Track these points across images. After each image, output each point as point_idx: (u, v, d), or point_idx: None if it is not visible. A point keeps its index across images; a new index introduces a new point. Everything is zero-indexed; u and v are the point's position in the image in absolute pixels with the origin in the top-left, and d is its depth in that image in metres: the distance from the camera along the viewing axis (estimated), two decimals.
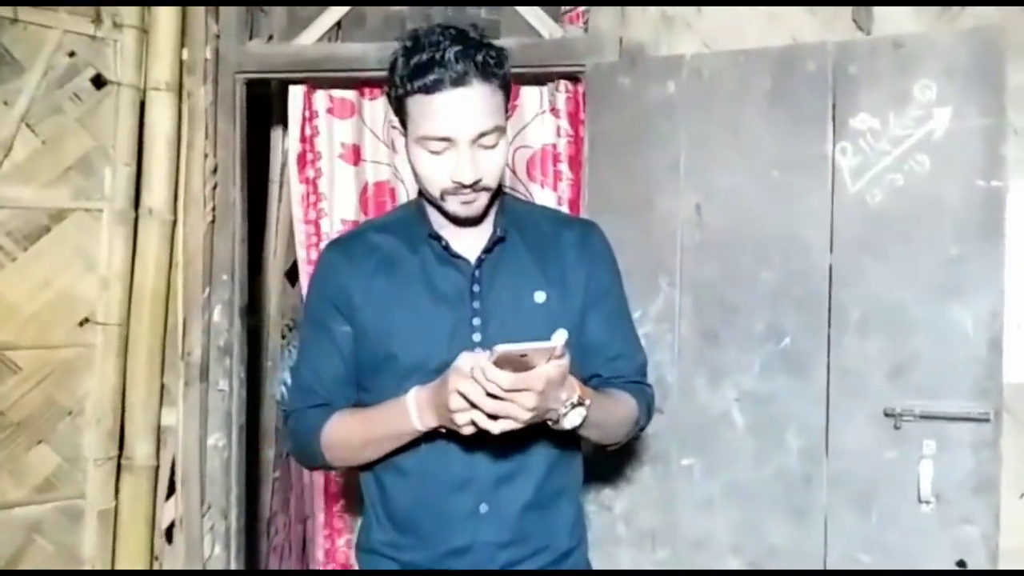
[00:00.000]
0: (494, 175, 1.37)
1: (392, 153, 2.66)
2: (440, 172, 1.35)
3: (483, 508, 1.42)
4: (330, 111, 2.65)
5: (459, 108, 1.31)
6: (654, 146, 2.20)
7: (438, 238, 1.44)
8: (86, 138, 2.41)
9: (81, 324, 2.43)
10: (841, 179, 2.04)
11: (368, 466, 1.49)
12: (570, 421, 1.31)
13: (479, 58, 1.30)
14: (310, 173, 2.68)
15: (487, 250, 1.44)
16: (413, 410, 1.33)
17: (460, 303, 1.42)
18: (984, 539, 1.93)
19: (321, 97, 2.65)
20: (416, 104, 1.33)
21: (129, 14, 2.44)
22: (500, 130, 1.36)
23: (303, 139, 2.67)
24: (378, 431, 1.41)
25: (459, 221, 1.43)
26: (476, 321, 1.41)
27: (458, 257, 1.43)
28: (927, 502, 1.95)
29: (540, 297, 1.44)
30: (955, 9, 2.17)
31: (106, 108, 2.44)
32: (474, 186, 1.35)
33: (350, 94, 2.66)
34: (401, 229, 1.49)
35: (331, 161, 2.67)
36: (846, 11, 2.23)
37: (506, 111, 1.39)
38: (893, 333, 1.99)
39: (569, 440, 1.47)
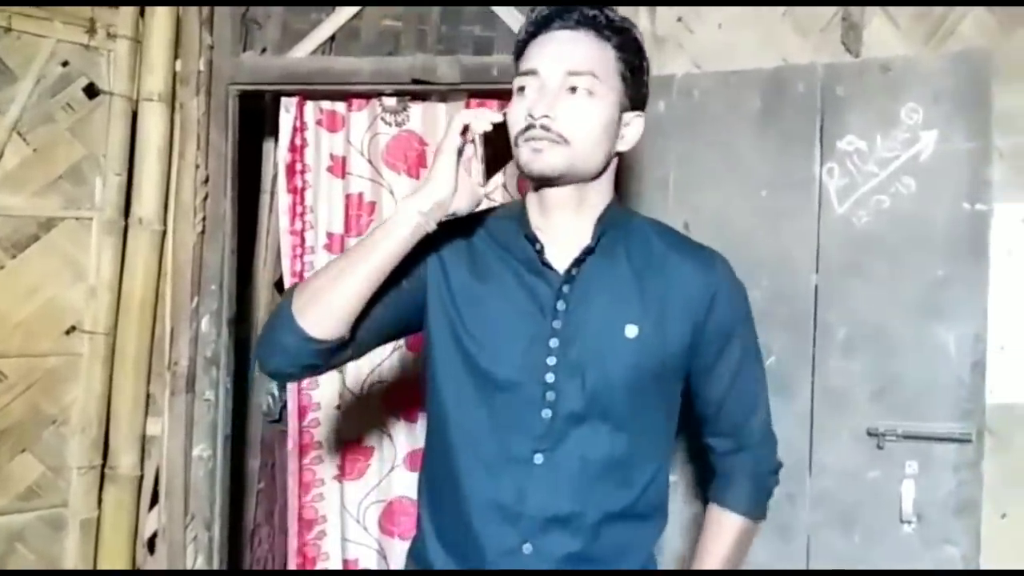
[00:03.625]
0: (570, 124, 1.23)
1: (373, 168, 2.66)
2: (520, 111, 1.25)
3: (527, 549, 1.27)
4: (319, 123, 2.66)
5: (555, 45, 1.26)
6: (643, 164, 2.22)
7: (534, 240, 1.31)
8: (77, 147, 2.42)
9: (68, 333, 2.43)
10: (828, 200, 2.07)
11: (425, 470, 1.39)
12: None
13: (594, 12, 1.27)
14: (298, 183, 2.67)
15: (578, 261, 1.30)
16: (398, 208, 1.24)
17: (540, 318, 1.29)
18: (964, 560, 1.94)
19: (312, 109, 2.66)
20: (527, 50, 1.30)
21: (123, 24, 2.45)
22: (594, 79, 1.24)
23: (292, 148, 2.67)
24: (357, 246, 1.28)
25: (540, 189, 1.30)
26: (553, 343, 1.27)
27: (548, 267, 1.30)
28: (909, 522, 1.96)
29: (632, 331, 1.28)
30: (943, 31, 2.19)
31: (98, 118, 2.45)
32: (546, 127, 1.22)
33: (340, 106, 2.67)
34: (497, 225, 1.38)
35: (318, 174, 2.68)
36: (836, 34, 2.26)
37: (626, 85, 1.30)
38: (877, 353, 2.01)
39: (650, 494, 1.34)
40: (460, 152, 1.24)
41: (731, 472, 1.42)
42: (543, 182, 1.28)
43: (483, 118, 1.23)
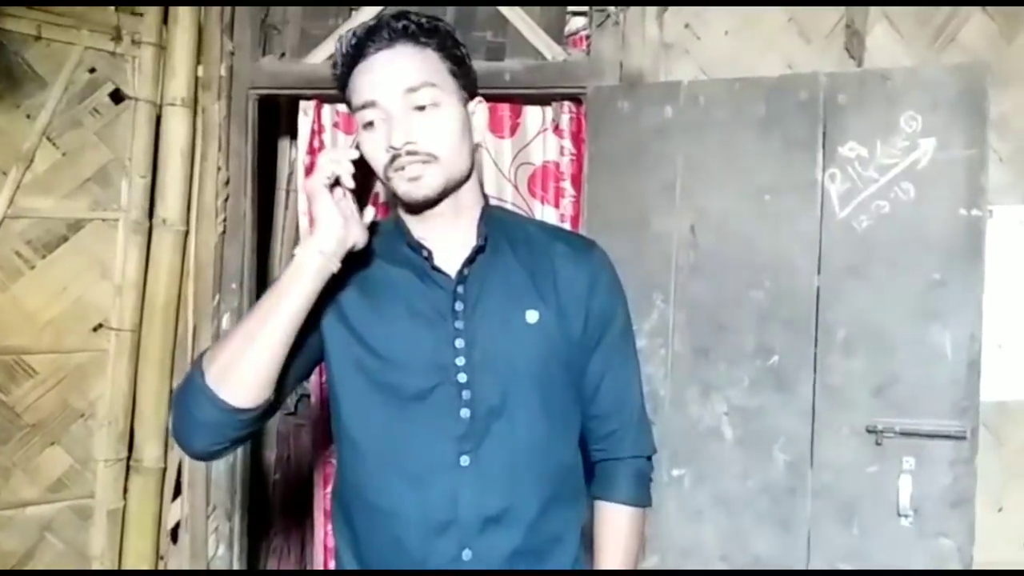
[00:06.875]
0: (433, 141, 1.24)
1: None
2: (378, 146, 1.24)
3: (467, 555, 1.26)
4: (336, 125, 2.74)
5: (383, 68, 1.24)
6: (651, 168, 2.28)
7: (419, 247, 1.31)
8: (104, 151, 2.51)
9: (95, 330, 2.52)
10: (830, 204, 2.13)
11: (338, 500, 1.36)
12: None
13: (402, 23, 1.25)
14: None
15: (469, 261, 1.31)
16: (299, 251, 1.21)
17: (441, 322, 1.28)
18: (959, 552, 2.01)
19: (328, 112, 2.73)
20: (350, 82, 1.28)
21: (147, 31, 2.53)
22: (434, 88, 1.25)
23: (311, 150, 2.74)
24: (263, 302, 1.21)
25: (415, 209, 1.31)
26: (459, 343, 1.28)
27: (439, 271, 1.30)
28: (906, 515, 2.04)
29: (532, 316, 1.30)
30: (945, 37, 2.26)
31: (124, 122, 2.53)
32: (411, 153, 1.23)
33: None
34: (379, 243, 1.35)
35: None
36: (839, 40, 2.33)
37: (458, 79, 1.30)
38: (876, 353, 2.08)
39: (570, 478, 1.37)
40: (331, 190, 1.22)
41: (611, 466, 1.42)
42: (425, 205, 1.29)
43: (344, 160, 1.20)
